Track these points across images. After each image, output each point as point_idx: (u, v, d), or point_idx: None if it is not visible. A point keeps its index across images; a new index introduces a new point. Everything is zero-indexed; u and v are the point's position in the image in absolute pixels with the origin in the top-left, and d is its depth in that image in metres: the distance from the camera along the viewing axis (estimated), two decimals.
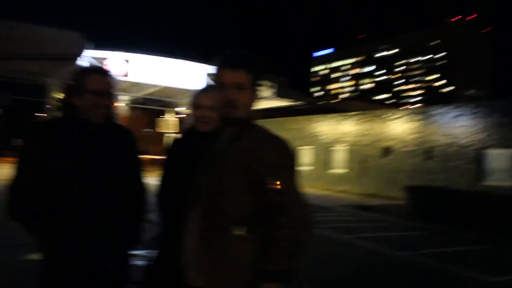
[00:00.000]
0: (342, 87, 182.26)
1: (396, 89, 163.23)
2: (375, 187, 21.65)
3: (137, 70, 19.40)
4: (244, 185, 1.90)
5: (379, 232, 11.22)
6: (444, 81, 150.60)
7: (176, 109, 32.99)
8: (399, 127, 21.58)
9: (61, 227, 2.18)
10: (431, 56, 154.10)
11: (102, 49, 18.96)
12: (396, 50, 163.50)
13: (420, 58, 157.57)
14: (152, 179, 2.72)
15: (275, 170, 1.90)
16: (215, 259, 1.90)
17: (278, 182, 1.88)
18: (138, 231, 2.48)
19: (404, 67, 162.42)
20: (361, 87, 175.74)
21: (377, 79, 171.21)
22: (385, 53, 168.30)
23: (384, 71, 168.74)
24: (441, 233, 11.48)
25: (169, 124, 31.87)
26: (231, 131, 2.00)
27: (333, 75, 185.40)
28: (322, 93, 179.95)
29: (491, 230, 10.89)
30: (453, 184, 16.56)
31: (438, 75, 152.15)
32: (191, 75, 20.67)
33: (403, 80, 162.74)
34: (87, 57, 17.90)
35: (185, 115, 38.80)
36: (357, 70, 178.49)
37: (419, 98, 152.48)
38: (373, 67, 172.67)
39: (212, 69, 2.06)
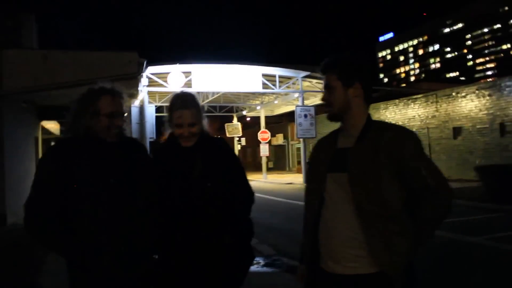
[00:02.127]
0: (408, 70, 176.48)
1: (469, 64, 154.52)
2: (446, 171, 20.78)
3: (199, 80, 19.98)
4: (394, 173, 2.08)
5: (451, 218, 10.83)
6: None
7: (238, 113, 33.53)
8: (468, 104, 20.60)
9: (77, 241, 2.29)
10: (499, 25, 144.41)
11: (162, 64, 19.73)
12: (460, 24, 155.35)
13: (487, 29, 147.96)
14: None
15: (419, 156, 2.12)
16: (385, 245, 2.04)
17: (424, 166, 2.10)
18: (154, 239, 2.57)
19: (471, 41, 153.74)
20: (431, 66, 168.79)
21: (445, 57, 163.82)
22: (448, 29, 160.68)
23: (449, 48, 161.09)
24: None
25: (236, 129, 32.45)
26: (356, 129, 2.22)
27: (398, 59, 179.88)
28: (387, 79, 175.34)
29: None
30: None
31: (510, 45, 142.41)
32: (250, 79, 20.99)
33: (472, 55, 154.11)
34: (148, 74, 18.73)
35: (248, 119, 39.37)
36: (421, 51, 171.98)
37: (493, 71, 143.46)
38: (437, 46, 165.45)
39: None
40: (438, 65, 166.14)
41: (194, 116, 2.69)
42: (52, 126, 21.39)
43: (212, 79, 20.15)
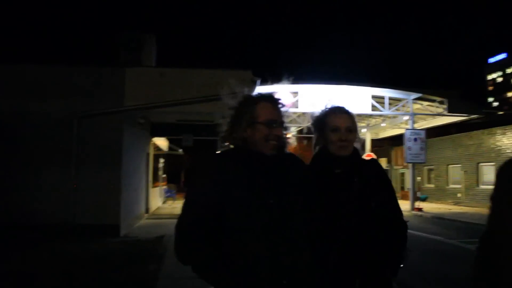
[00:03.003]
0: None
1: None
2: None
3: (306, 100, 19.77)
4: None
5: None
6: None
7: None
8: None
9: (232, 270, 1.98)
10: None
11: (270, 83, 19.74)
12: None
13: None
14: None
15: None
16: None
17: None
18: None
19: None
20: None
21: None
22: None
23: None
24: None
25: None
26: None
27: (510, 82, 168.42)
28: (497, 103, 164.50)
29: None
30: None
31: None
32: (358, 100, 20.39)
33: None
34: (257, 93, 18.80)
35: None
36: None
37: None
38: None
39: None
40: None
41: (352, 122, 2.52)
42: (162, 142, 22.27)
43: (319, 99, 19.81)
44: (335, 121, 2.50)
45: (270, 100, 2.24)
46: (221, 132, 2.25)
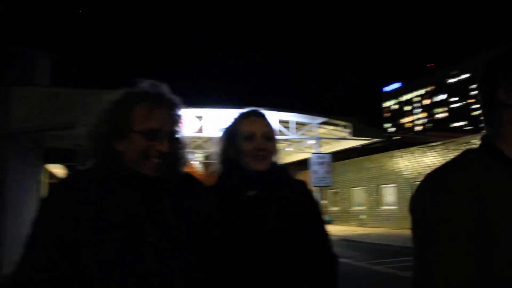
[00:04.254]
0: (415, 120, 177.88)
1: (474, 113, 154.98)
2: None
3: (211, 125, 19.29)
4: None
5: None
6: None
7: None
8: None
9: None
10: None
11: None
12: (468, 74, 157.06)
13: None
14: None
15: None
16: None
17: None
18: None
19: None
20: (436, 116, 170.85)
21: (451, 106, 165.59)
22: (455, 79, 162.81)
23: (457, 98, 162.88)
24: None
25: None
26: None
27: (404, 109, 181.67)
28: (394, 128, 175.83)
29: None
30: None
31: None
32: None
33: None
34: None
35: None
36: (428, 101, 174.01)
37: None
38: (445, 96, 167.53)
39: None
40: (445, 114, 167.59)
41: (269, 128, 2.03)
42: (58, 170, 20.73)
43: (224, 124, 19.46)
44: (249, 127, 1.99)
45: (157, 100, 1.59)
46: (84, 146, 1.61)
